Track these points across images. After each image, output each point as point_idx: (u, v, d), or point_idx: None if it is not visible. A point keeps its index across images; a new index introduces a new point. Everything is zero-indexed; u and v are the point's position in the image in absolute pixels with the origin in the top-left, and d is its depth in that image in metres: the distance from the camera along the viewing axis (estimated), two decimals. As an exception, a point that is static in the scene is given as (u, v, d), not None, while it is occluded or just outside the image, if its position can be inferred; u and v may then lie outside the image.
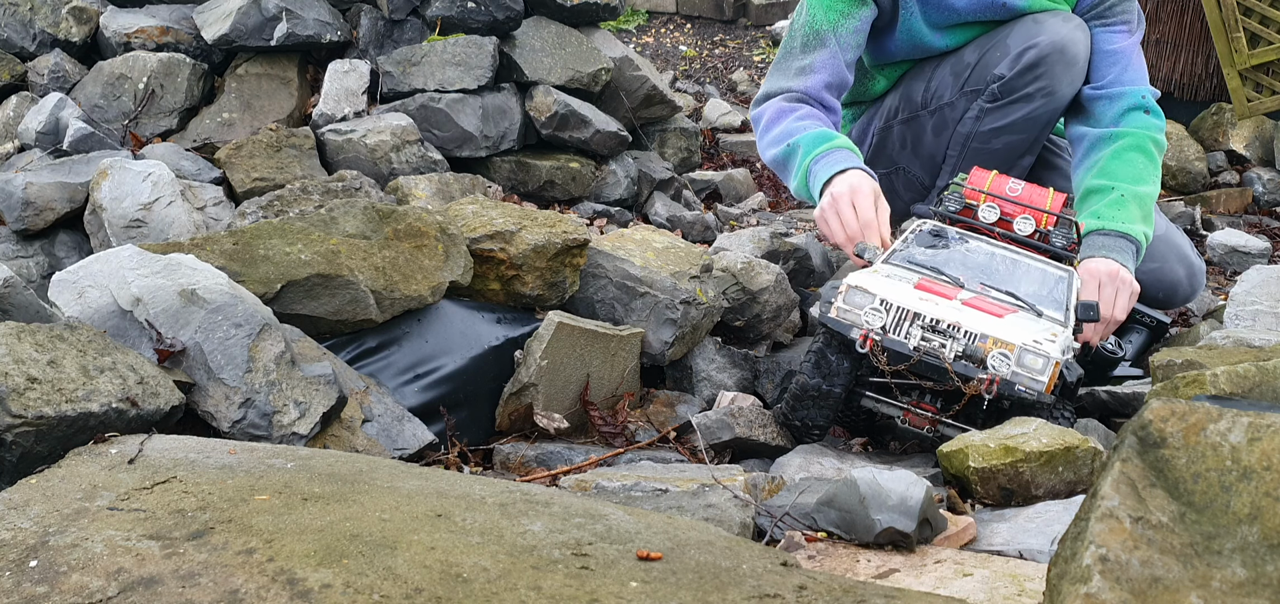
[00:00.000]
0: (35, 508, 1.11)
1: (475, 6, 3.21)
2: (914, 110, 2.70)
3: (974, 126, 2.55)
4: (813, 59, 2.49)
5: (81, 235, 2.65)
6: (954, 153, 2.61)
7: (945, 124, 2.62)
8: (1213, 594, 0.83)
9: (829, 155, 2.28)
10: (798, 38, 2.53)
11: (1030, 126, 2.51)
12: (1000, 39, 2.52)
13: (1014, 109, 2.49)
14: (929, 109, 2.65)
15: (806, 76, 2.48)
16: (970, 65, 2.56)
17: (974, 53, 2.57)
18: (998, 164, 2.38)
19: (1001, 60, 2.49)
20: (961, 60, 2.59)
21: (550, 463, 1.87)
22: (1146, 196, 2.37)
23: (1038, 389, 1.73)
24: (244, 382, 1.53)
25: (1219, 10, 4.82)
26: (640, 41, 6.77)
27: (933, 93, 2.64)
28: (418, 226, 2.01)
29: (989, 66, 2.52)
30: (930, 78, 2.66)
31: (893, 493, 1.38)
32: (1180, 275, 2.53)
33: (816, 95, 2.47)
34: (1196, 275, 2.58)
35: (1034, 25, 2.47)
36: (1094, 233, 2.31)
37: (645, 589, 1.03)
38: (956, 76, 2.59)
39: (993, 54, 2.52)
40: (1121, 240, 2.28)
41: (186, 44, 3.21)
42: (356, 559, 1.03)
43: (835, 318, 1.82)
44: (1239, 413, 0.92)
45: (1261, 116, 4.96)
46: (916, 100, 2.69)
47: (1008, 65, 2.47)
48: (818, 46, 2.49)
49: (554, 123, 3.25)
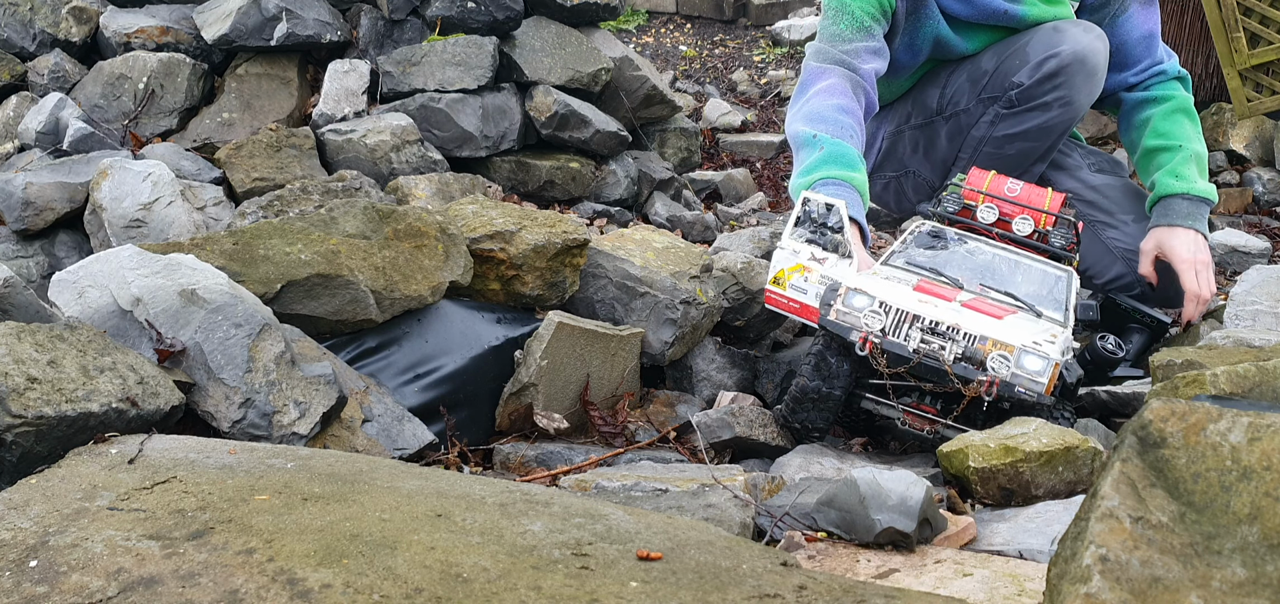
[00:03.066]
0: (35, 508, 1.11)
1: (475, 6, 3.21)
2: (929, 116, 2.70)
3: (988, 131, 2.56)
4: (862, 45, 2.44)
5: (81, 235, 2.65)
6: (966, 155, 2.61)
7: (960, 130, 2.62)
8: (1213, 594, 0.83)
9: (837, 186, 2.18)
10: (837, 21, 2.47)
11: (1045, 136, 2.52)
12: (1020, 46, 2.52)
13: (1030, 116, 2.50)
14: (945, 115, 2.65)
15: (863, 60, 2.43)
16: (988, 73, 2.56)
17: (992, 60, 2.57)
18: (1010, 170, 2.39)
19: (1021, 68, 2.49)
20: (979, 67, 2.59)
21: (550, 463, 1.87)
22: (1204, 156, 2.51)
23: (1038, 390, 1.73)
24: (244, 382, 1.53)
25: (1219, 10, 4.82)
26: (640, 41, 6.77)
27: (949, 99, 2.64)
28: (418, 226, 2.01)
29: (1007, 74, 2.52)
30: (946, 84, 2.65)
31: (893, 493, 1.38)
32: None
33: (869, 80, 2.42)
34: None
35: (1055, 34, 2.47)
36: (1171, 197, 2.43)
37: (645, 589, 1.03)
38: (974, 83, 2.59)
39: (1012, 62, 2.52)
40: (1200, 205, 2.42)
41: (186, 44, 3.21)
42: (356, 559, 1.03)
43: (835, 320, 1.82)
44: (1239, 413, 0.92)
45: (1261, 116, 4.96)
46: (931, 106, 2.69)
47: (1027, 74, 2.47)
48: (863, 35, 2.46)
49: (554, 123, 3.25)
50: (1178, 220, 2.41)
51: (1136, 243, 2.53)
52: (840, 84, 2.36)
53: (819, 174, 2.19)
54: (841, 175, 2.18)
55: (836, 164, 2.19)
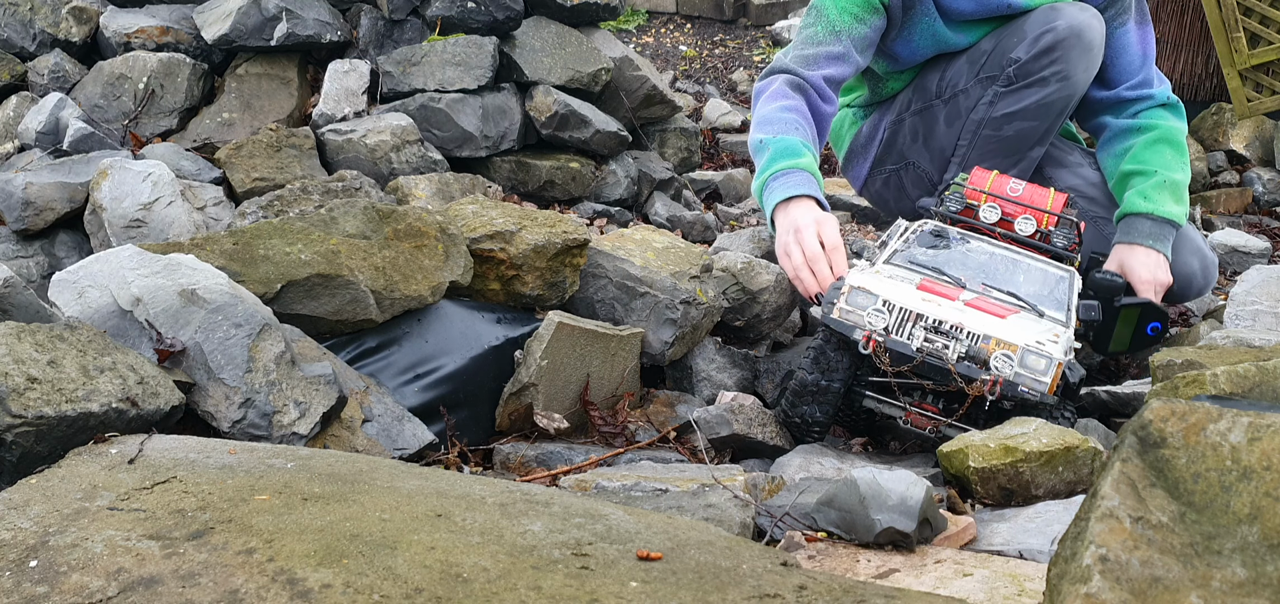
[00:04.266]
0: (35, 508, 1.11)
1: (475, 6, 3.21)
2: (928, 100, 2.71)
3: (987, 111, 2.57)
4: (821, 51, 2.52)
5: (81, 235, 2.64)
6: (965, 141, 2.62)
7: (959, 112, 2.64)
8: (1213, 594, 0.83)
9: (786, 176, 2.28)
10: (814, 24, 2.56)
11: (1044, 113, 2.53)
12: (1017, 25, 2.56)
13: (1029, 93, 2.51)
14: (943, 98, 2.67)
15: (812, 67, 2.51)
16: (986, 53, 2.60)
17: (990, 41, 2.61)
18: (1008, 154, 2.41)
19: (1019, 44, 2.52)
20: (978, 49, 2.62)
21: (550, 463, 1.87)
22: (1181, 184, 2.50)
23: (1041, 390, 1.73)
24: (244, 382, 1.53)
25: (1219, 10, 4.82)
26: (640, 41, 6.77)
27: (948, 82, 2.66)
28: (418, 226, 2.01)
29: (1005, 51, 2.55)
30: (945, 70, 2.68)
31: (893, 493, 1.38)
32: (1195, 267, 2.58)
33: (815, 85, 2.49)
34: (1210, 268, 2.63)
35: (1052, 12, 2.51)
36: (1136, 215, 2.43)
37: (645, 589, 1.03)
38: (973, 64, 2.62)
39: (1009, 40, 2.55)
40: (1165, 226, 2.42)
41: (186, 44, 3.21)
42: (356, 559, 1.03)
43: (837, 319, 1.82)
44: (1239, 413, 0.92)
45: (1261, 116, 4.96)
46: (930, 90, 2.71)
47: (1025, 49, 2.50)
48: (830, 39, 2.53)
49: (554, 123, 3.25)
50: (1139, 239, 2.41)
51: None
52: (780, 88, 2.48)
53: (771, 170, 2.30)
54: (789, 165, 2.30)
55: (783, 157, 2.31)
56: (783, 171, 2.28)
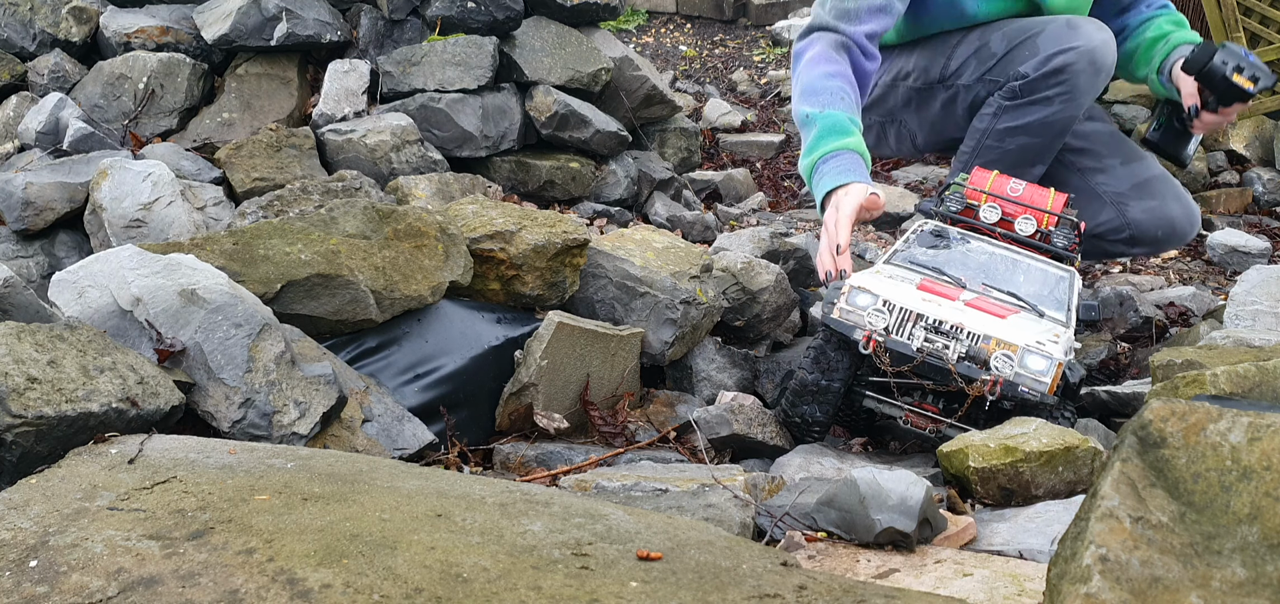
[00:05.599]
0: (35, 508, 1.11)
1: (475, 6, 3.21)
2: (930, 81, 2.69)
3: (990, 123, 2.56)
4: (863, 4, 2.42)
5: (81, 235, 2.64)
6: (968, 149, 2.61)
7: (957, 103, 2.63)
8: (1213, 594, 0.83)
9: (835, 158, 2.22)
10: None
11: (1046, 131, 2.52)
12: (1032, 36, 2.52)
13: (1032, 110, 2.50)
14: (946, 84, 2.65)
15: (854, 21, 2.41)
16: (996, 56, 2.56)
17: (1002, 43, 2.56)
18: (1011, 167, 2.39)
19: (1029, 59, 2.49)
20: (988, 47, 2.58)
21: (550, 463, 1.87)
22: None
23: (1041, 390, 1.73)
24: (244, 382, 1.53)
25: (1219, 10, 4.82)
26: (640, 41, 6.77)
27: (953, 70, 2.64)
28: (418, 226, 2.01)
29: (1015, 63, 2.52)
30: (951, 55, 2.64)
31: (893, 493, 1.38)
32: (1176, 213, 2.64)
33: (859, 41, 2.40)
34: (1193, 214, 2.70)
35: (1068, 30, 2.47)
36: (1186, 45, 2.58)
37: (645, 589, 1.03)
38: (981, 62, 2.59)
39: (1021, 51, 2.52)
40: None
41: (186, 44, 3.21)
42: (356, 559, 1.03)
43: (838, 318, 1.82)
44: (1239, 413, 0.92)
45: (1261, 116, 4.96)
46: (934, 74, 2.68)
47: (1034, 66, 2.47)
48: None
49: (554, 123, 3.25)
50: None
51: (1125, 185, 2.64)
52: (824, 50, 2.39)
53: (820, 151, 2.24)
54: (839, 146, 2.24)
55: (833, 136, 2.25)
56: (832, 153, 2.22)
